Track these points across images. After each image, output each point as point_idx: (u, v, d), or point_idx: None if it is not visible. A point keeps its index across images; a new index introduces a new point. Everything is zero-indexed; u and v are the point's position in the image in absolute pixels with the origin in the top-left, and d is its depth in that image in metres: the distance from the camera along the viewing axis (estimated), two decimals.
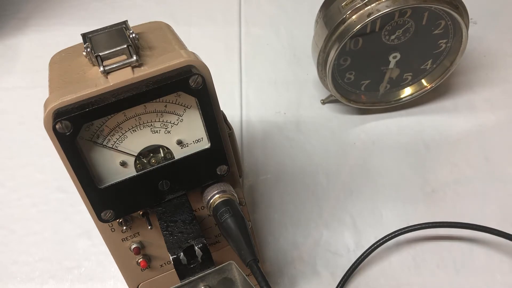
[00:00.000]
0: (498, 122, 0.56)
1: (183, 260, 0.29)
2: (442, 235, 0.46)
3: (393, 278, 0.44)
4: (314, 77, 0.61)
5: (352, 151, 0.54)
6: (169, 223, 0.31)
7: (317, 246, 0.47)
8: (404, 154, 0.53)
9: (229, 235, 0.31)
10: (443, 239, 0.46)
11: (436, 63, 0.54)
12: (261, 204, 0.50)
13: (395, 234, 0.44)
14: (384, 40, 0.51)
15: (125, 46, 0.29)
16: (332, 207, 0.50)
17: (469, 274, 0.44)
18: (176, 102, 0.30)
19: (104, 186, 0.30)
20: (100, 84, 0.28)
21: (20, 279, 0.45)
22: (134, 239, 0.34)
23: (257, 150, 0.55)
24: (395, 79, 0.55)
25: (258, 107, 0.59)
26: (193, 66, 0.29)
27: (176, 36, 0.34)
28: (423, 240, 0.46)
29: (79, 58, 0.31)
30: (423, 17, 0.49)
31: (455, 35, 0.51)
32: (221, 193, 0.33)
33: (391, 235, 0.44)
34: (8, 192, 0.52)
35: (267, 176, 0.53)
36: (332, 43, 0.49)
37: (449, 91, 0.59)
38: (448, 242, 0.46)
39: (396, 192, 0.50)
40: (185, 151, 0.32)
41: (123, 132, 0.30)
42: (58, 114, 0.27)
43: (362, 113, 0.58)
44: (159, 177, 0.31)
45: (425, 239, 0.46)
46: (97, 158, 0.30)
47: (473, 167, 0.52)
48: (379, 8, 0.46)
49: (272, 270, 0.45)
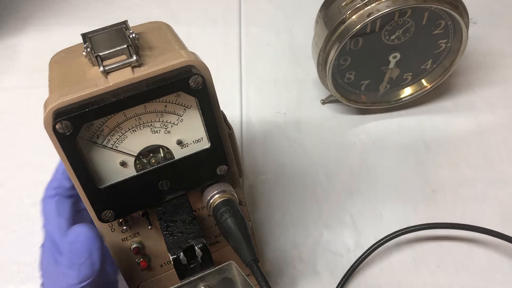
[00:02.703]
0: (498, 122, 0.56)
1: (183, 260, 0.29)
2: (442, 235, 0.46)
3: (393, 278, 0.44)
4: (314, 77, 0.61)
5: (352, 151, 0.54)
6: (169, 223, 0.31)
7: (317, 246, 0.47)
8: (404, 154, 0.53)
9: (229, 235, 0.31)
10: (443, 239, 0.46)
11: (436, 63, 0.54)
12: (261, 204, 0.50)
13: (396, 234, 0.44)
14: (384, 40, 0.51)
15: (125, 46, 0.29)
16: (332, 207, 0.50)
17: (469, 274, 0.44)
18: (176, 102, 0.30)
19: (104, 186, 0.30)
20: (100, 84, 0.28)
21: (20, 279, 0.45)
22: (134, 239, 0.34)
23: (257, 150, 0.55)
24: (395, 79, 0.55)
25: (258, 107, 0.59)
26: (193, 66, 0.29)
27: (176, 36, 0.34)
28: (424, 241, 0.46)
29: (79, 58, 0.31)
30: (423, 17, 0.49)
31: (455, 35, 0.51)
32: (221, 193, 0.33)
33: (392, 236, 0.44)
34: (8, 192, 0.52)
35: (267, 176, 0.53)
36: (332, 43, 0.49)
37: (449, 91, 0.59)
38: (448, 242, 0.46)
39: (396, 192, 0.50)
40: (185, 151, 0.32)
41: (123, 132, 0.30)
42: (58, 114, 0.27)
43: (362, 113, 0.58)
44: (159, 177, 0.31)
45: (425, 240, 0.46)
46: (97, 158, 0.30)
47: (473, 167, 0.52)
48: (379, 8, 0.46)
49: (272, 270, 0.45)
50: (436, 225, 0.45)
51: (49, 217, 0.34)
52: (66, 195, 0.34)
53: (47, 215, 0.34)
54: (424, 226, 0.44)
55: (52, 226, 0.33)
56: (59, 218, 0.33)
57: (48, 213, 0.34)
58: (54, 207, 0.34)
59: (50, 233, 0.33)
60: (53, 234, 0.33)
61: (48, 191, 0.35)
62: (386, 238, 0.44)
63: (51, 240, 0.33)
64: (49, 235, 0.33)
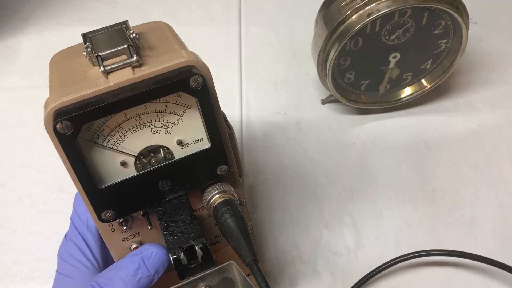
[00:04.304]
0: (498, 122, 0.56)
1: (183, 260, 0.29)
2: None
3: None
4: (314, 77, 0.61)
5: (352, 151, 0.54)
6: (169, 223, 0.31)
7: (317, 246, 0.47)
8: (404, 154, 0.53)
9: (229, 235, 0.31)
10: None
11: (436, 63, 0.54)
12: (261, 204, 0.50)
13: (415, 255, 0.43)
14: (384, 40, 0.51)
15: (126, 46, 0.29)
16: (332, 207, 0.50)
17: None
18: (177, 102, 0.30)
19: (104, 186, 0.30)
20: (100, 84, 0.28)
21: (20, 279, 0.45)
22: (134, 239, 0.34)
23: (257, 150, 0.55)
24: (395, 79, 0.55)
25: (258, 107, 0.59)
26: (193, 66, 0.29)
27: (176, 36, 0.34)
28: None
29: (79, 58, 0.31)
30: (423, 17, 0.49)
31: (455, 35, 0.51)
32: (221, 193, 0.32)
33: (411, 255, 0.43)
34: (8, 192, 0.52)
35: (267, 176, 0.52)
36: (332, 43, 0.49)
37: (449, 91, 0.59)
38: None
39: (396, 192, 0.50)
40: (185, 151, 0.32)
41: (123, 132, 0.30)
42: (58, 114, 0.27)
43: (362, 113, 0.58)
44: (159, 177, 0.31)
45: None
46: (97, 158, 0.30)
47: (473, 167, 0.52)
48: (379, 8, 0.46)
49: (272, 270, 0.45)
50: (464, 254, 0.43)
51: (79, 212, 0.36)
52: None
53: (77, 209, 0.36)
54: (446, 252, 0.43)
55: (80, 221, 0.36)
56: (88, 214, 0.34)
57: (78, 208, 0.36)
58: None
59: (77, 227, 0.35)
60: (80, 228, 0.35)
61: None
62: (405, 256, 0.43)
63: (77, 233, 0.35)
64: (75, 228, 0.35)
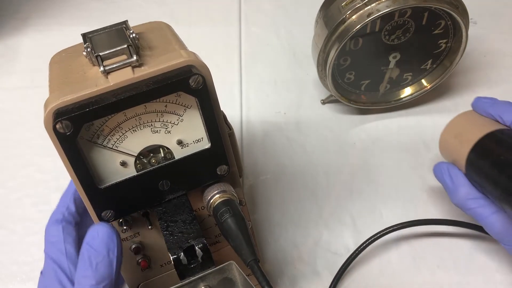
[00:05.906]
0: None
1: (183, 260, 0.29)
2: (441, 232, 0.46)
3: (391, 276, 0.44)
4: (314, 77, 0.61)
5: (352, 151, 0.54)
6: (169, 223, 0.31)
7: (317, 246, 0.47)
8: (404, 154, 0.53)
9: (229, 235, 0.31)
10: (443, 236, 0.46)
11: (436, 63, 0.54)
12: (261, 204, 0.50)
13: (393, 228, 0.44)
14: (384, 40, 0.51)
15: (125, 46, 0.29)
16: (332, 207, 0.50)
17: (469, 273, 0.44)
18: (176, 102, 0.30)
19: (104, 186, 0.30)
20: (100, 84, 0.28)
21: (20, 279, 0.45)
22: (134, 239, 0.34)
23: (257, 150, 0.55)
24: (395, 79, 0.55)
25: (258, 107, 0.59)
26: (193, 66, 0.29)
27: (176, 36, 0.34)
28: (423, 237, 0.46)
29: (79, 58, 0.31)
30: (423, 17, 0.49)
31: (455, 35, 0.51)
32: (221, 193, 0.32)
33: (389, 229, 0.44)
34: (8, 192, 0.52)
35: (267, 176, 0.52)
36: (332, 43, 0.49)
37: (449, 91, 0.59)
38: (448, 239, 0.46)
39: (396, 192, 0.50)
40: (185, 151, 0.32)
41: (123, 132, 0.30)
42: (58, 114, 0.27)
43: (362, 113, 0.58)
44: (159, 177, 0.31)
45: (424, 236, 0.46)
46: (97, 158, 0.30)
47: None
48: (379, 8, 0.46)
49: (272, 270, 0.45)
50: (435, 221, 0.45)
51: (54, 243, 0.33)
52: (73, 221, 0.34)
53: (52, 241, 0.33)
54: (422, 222, 0.45)
55: (58, 252, 0.32)
56: (66, 244, 0.33)
57: (52, 239, 0.33)
58: (61, 233, 0.33)
59: (54, 259, 0.32)
60: (58, 259, 0.32)
61: (55, 215, 0.35)
62: (383, 231, 0.44)
63: (55, 265, 0.32)
64: (52, 261, 0.32)
